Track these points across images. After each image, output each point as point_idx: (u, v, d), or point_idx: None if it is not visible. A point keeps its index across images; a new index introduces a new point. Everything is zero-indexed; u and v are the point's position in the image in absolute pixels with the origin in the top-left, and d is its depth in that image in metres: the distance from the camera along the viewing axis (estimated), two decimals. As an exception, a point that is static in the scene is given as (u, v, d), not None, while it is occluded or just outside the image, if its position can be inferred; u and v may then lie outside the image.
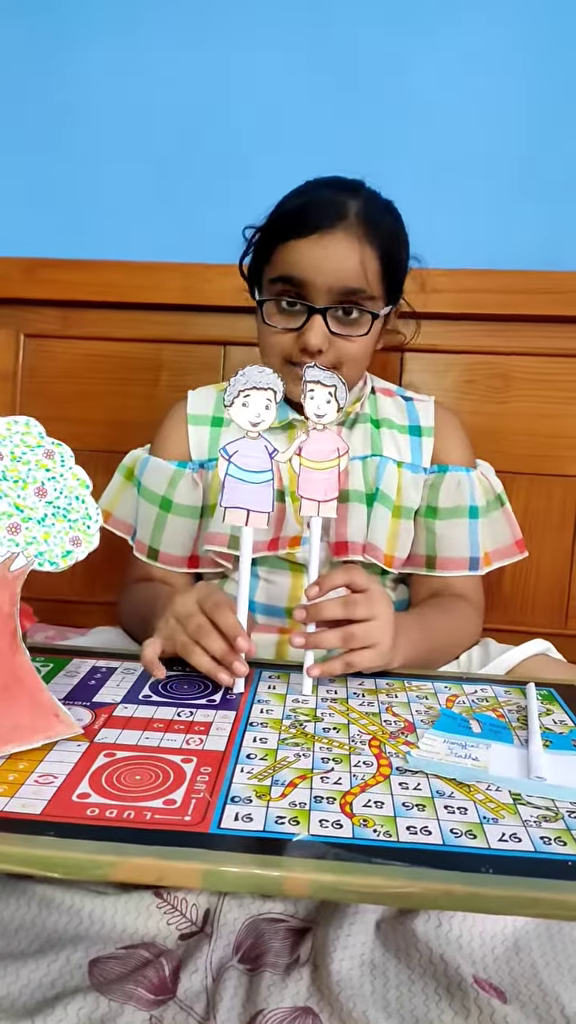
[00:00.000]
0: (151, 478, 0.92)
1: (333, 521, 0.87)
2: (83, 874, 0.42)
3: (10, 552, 0.55)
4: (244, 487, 0.65)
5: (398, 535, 0.89)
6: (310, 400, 0.66)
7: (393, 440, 0.91)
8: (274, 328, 0.83)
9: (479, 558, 0.91)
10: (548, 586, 1.17)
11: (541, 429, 1.15)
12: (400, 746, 0.56)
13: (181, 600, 0.68)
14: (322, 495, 0.67)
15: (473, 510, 0.90)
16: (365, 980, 0.49)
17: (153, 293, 1.18)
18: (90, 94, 1.20)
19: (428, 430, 0.93)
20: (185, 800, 0.47)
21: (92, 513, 0.58)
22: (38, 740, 0.53)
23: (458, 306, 1.12)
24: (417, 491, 0.90)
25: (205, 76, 1.17)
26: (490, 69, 1.12)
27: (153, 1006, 0.47)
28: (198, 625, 0.65)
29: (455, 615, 0.87)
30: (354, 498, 0.88)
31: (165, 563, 0.92)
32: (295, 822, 0.45)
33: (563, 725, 0.62)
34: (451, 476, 0.90)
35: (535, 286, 1.11)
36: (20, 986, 0.48)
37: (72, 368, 1.24)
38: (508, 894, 0.40)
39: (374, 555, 0.87)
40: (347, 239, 0.79)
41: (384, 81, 1.14)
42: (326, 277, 0.79)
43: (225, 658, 0.64)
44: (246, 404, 0.64)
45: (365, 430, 0.91)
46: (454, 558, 0.90)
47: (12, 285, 1.20)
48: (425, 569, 0.91)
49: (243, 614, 0.66)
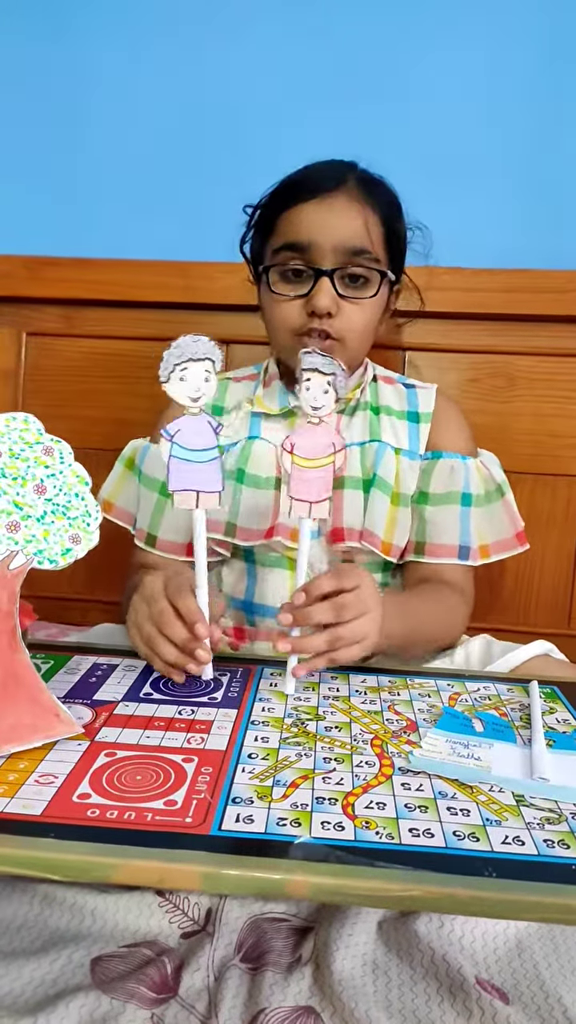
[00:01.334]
0: (151, 465, 0.91)
1: (329, 508, 0.86)
2: (84, 876, 0.42)
3: (9, 550, 0.55)
4: (190, 467, 0.61)
5: (396, 522, 0.88)
6: (306, 391, 0.63)
7: (391, 426, 0.91)
8: (281, 297, 0.82)
9: (470, 547, 0.89)
10: (551, 586, 1.17)
11: (545, 429, 1.15)
12: (402, 745, 0.56)
13: (150, 580, 0.68)
14: (315, 496, 0.65)
15: (466, 497, 0.89)
16: (367, 980, 0.49)
17: (156, 291, 1.18)
18: (93, 92, 1.20)
19: (426, 416, 0.92)
20: (186, 801, 0.47)
21: (92, 510, 0.58)
22: (38, 740, 0.53)
23: (462, 305, 1.12)
24: (414, 478, 0.89)
25: (208, 76, 1.17)
26: (494, 66, 1.12)
27: (155, 1004, 0.47)
28: (160, 610, 0.65)
29: (439, 602, 0.85)
30: (350, 484, 0.87)
31: (163, 550, 0.91)
32: (297, 824, 0.45)
33: (567, 724, 0.62)
34: (444, 462, 0.90)
35: (539, 285, 1.10)
36: (22, 984, 0.48)
37: (75, 366, 1.24)
38: (511, 898, 0.40)
39: (371, 542, 0.86)
40: (349, 201, 0.81)
41: (386, 80, 1.14)
42: (331, 237, 0.79)
43: (187, 646, 0.63)
44: (183, 378, 0.60)
45: (364, 416, 0.91)
46: (444, 544, 0.89)
47: (15, 283, 1.20)
48: (414, 555, 0.90)
49: (203, 600, 0.64)
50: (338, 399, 0.64)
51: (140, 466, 0.93)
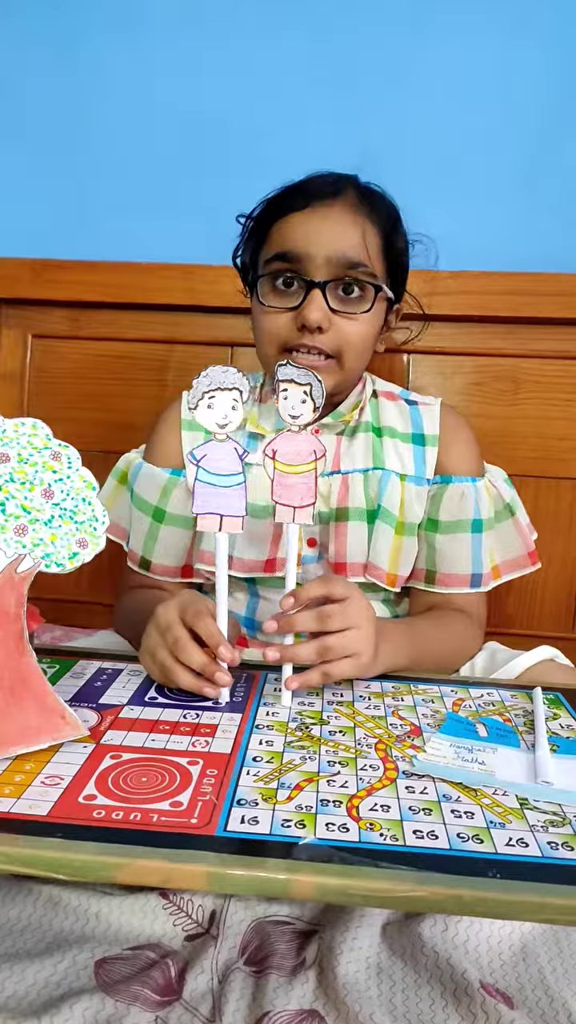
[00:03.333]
0: (144, 486, 0.89)
1: (333, 539, 0.84)
2: (90, 876, 0.42)
3: (17, 553, 0.55)
4: (215, 492, 0.63)
5: (401, 552, 0.86)
6: (283, 400, 0.64)
7: (396, 450, 0.87)
8: (270, 308, 0.79)
9: (482, 574, 0.87)
10: (556, 590, 1.17)
11: (549, 432, 1.15)
12: (406, 750, 0.56)
13: (163, 610, 0.66)
14: (298, 500, 0.65)
15: (477, 524, 0.86)
16: (371, 983, 0.49)
17: (161, 294, 1.18)
18: (98, 95, 1.20)
19: (432, 439, 0.88)
20: (191, 802, 0.47)
21: (99, 515, 0.58)
22: (44, 741, 0.53)
23: (466, 308, 1.12)
24: (421, 505, 0.86)
25: (214, 79, 1.18)
26: (498, 68, 1.12)
27: (159, 1007, 0.47)
28: (175, 639, 0.63)
29: (449, 627, 0.84)
30: (354, 516, 0.84)
31: (157, 574, 0.90)
32: (301, 825, 0.45)
33: (570, 730, 0.62)
34: (454, 488, 0.86)
35: (544, 288, 1.10)
36: (26, 986, 0.48)
37: (80, 369, 1.24)
38: (515, 899, 0.40)
39: (376, 575, 0.84)
40: (346, 212, 0.77)
41: (389, 80, 1.14)
42: (324, 248, 0.76)
43: (206, 670, 0.62)
44: (211, 406, 0.62)
45: (367, 440, 0.87)
46: (455, 574, 0.86)
47: (21, 286, 1.21)
48: (424, 584, 0.88)
49: (223, 622, 0.64)
50: (316, 408, 0.64)
51: (133, 485, 0.90)
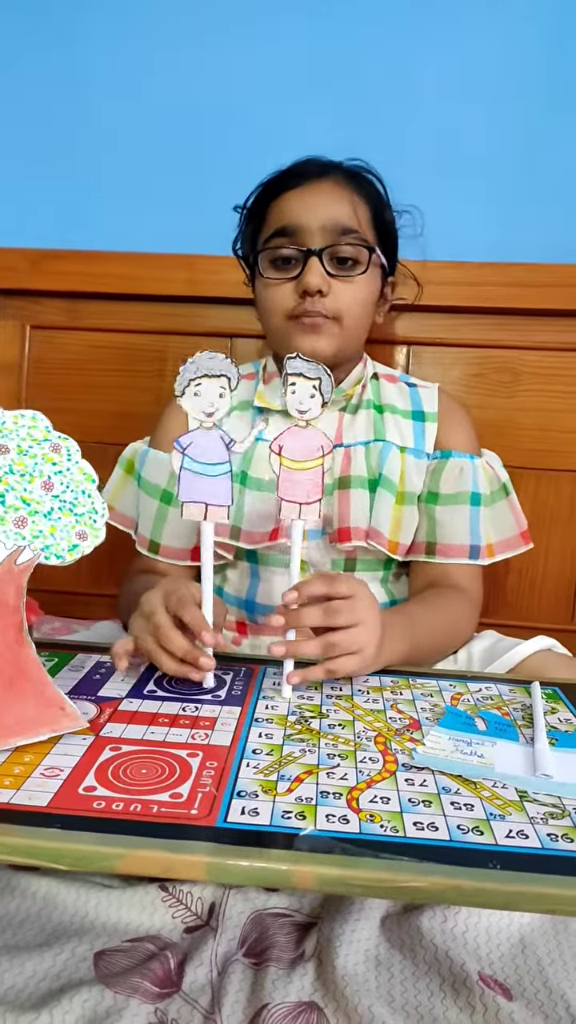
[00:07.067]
0: (151, 471, 0.91)
1: (336, 508, 0.86)
2: (90, 866, 0.42)
3: (17, 545, 0.55)
4: (201, 480, 0.62)
5: (402, 521, 0.88)
6: (292, 394, 0.63)
7: (396, 425, 0.91)
8: (272, 280, 0.84)
9: (480, 546, 0.89)
10: (555, 582, 1.17)
11: (549, 424, 1.15)
12: (405, 743, 0.56)
13: (148, 597, 0.67)
14: (304, 497, 0.64)
15: (475, 497, 0.89)
16: (370, 975, 0.49)
17: (160, 285, 1.17)
18: (96, 85, 1.19)
19: (431, 415, 0.92)
20: (191, 794, 0.47)
21: (98, 507, 0.58)
22: (44, 733, 0.53)
23: (465, 299, 1.12)
24: (420, 476, 0.89)
25: (211, 69, 1.17)
26: (496, 60, 1.11)
27: (158, 999, 0.47)
28: (156, 625, 0.64)
29: (447, 611, 0.85)
30: (356, 484, 0.87)
31: (166, 556, 0.91)
32: (302, 817, 0.45)
33: (568, 723, 0.62)
34: (454, 462, 0.89)
35: (543, 279, 1.10)
36: (26, 978, 0.48)
37: (78, 360, 1.24)
38: (515, 889, 0.40)
39: (377, 540, 0.86)
40: (336, 186, 0.85)
41: (387, 71, 1.13)
42: (318, 218, 0.82)
43: (188, 655, 0.63)
44: (198, 393, 0.61)
45: (368, 416, 0.91)
46: (454, 545, 0.89)
47: (18, 276, 1.20)
48: (425, 555, 0.90)
49: (208, 608, 0.64)
50: (324, 403, 0.64)
51: (140, 471, 0.93)
